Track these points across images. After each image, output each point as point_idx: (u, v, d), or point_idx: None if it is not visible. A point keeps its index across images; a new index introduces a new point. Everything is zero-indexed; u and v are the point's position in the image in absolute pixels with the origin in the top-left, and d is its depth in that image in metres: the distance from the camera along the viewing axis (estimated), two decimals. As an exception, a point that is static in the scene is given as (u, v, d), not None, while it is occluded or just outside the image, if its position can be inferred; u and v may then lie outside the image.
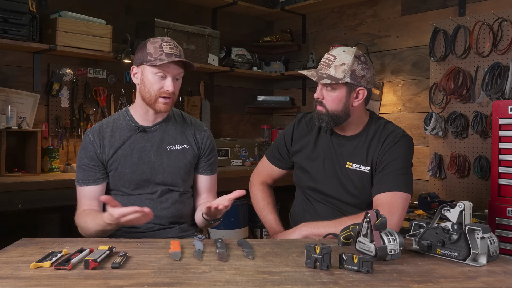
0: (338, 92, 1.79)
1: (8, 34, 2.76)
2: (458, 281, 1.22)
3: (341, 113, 1.81)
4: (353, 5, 3.86)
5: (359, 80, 1.78)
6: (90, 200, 1.79)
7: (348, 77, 1.76)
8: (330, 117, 1.81)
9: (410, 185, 1.78)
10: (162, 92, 1.76)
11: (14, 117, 2.84)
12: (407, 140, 1.84)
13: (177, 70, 1.78)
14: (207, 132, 1.95)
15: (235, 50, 4.00)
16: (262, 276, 1.22)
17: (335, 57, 1.79)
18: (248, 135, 4.33)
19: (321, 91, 1.82)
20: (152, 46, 1.75)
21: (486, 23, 3.00)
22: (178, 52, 1.77)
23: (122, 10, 3.52)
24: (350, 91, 1.79)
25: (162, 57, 1.73)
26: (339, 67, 1.76)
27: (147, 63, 1.75)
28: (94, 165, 1.80)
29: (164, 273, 1.23)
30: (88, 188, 1.80)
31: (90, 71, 3.33)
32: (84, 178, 1.80)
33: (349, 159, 1.86)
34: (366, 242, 1.38)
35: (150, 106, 1.79)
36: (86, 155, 1.81)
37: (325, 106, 1.82)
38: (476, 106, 3.06)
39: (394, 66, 3.60)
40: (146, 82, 1.77)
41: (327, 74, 1.78)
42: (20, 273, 1.21)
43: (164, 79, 1.76)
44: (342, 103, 1.80)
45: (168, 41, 1.77)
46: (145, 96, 1.78)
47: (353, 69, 1.76)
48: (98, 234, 1.68)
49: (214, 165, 1.97)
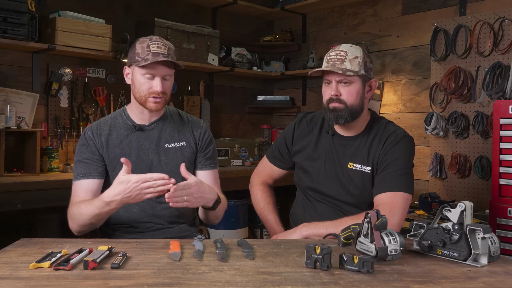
0: (356, 85, 1.80)
1: (7, 34, 2.75)
2: (459, 281, 1.21)
3: (358, 107, 1.82)
4: (354, 4, 3.85)
5: (370, 72, 1.83)
6: (86, 193, 1.76)
7: (363, 70, 1.79)
8: (350, 111, 1.80)
9: (411, 186, 1.78)
10: (151, 93, 1.75)
11: (13, 117, 2.83)
12: (408, 141, 1.84)
13: (165, 70, 1.76)
14: (204, 127, 1.95)
15: (235, 49, 3.99)
16: (262, 276, 1.21)
17: (346, 52, 1.79)
18: (248, 135, 4.33)
19: (337, 88, 1.80)
20: (140, 46, 1.75)
21: (487, 22, 2.99)
22: (166, 51, 1.75)
23: (122, 10, 3.52)
24: (364, 84, 1.82)
25: (148, 57, 1.72)
26: (354, 60, 1.78)
27: (135, 64, 1.75)
28: (97, 159, 1.79)
29: (163, 273, 1.23)
30: (87, 182, 1.77)
31: (90, 71, 3.33)
32: (85, 172, 1.78)
33: (351, 160, 1.86)
34: (366, 242, 1.38)
35: (142, 105, 1.80)
36: (88, 149, 1.80)
37: (344, 101, 1.80)
38: (477, 106, 3.06)
39: (395, 65, 3.60)
40: (136, 83, 1.77)
41: (345, 68, 1.77)
42: (19, 274, 1.21)
43: (152, 79, 1.75)
44: (359, 96, 1.81)
45: (156, 40, 1.76)
46: (136, 96, 1.79)
47: (365, 61, 1.80)
48: (92, 221, 1.65)
49: (213, 159, 1.95)
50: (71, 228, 1.75)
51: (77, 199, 1.75)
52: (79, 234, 1.75)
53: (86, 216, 1.65)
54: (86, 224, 1.68)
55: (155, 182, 1.52)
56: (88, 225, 1.68)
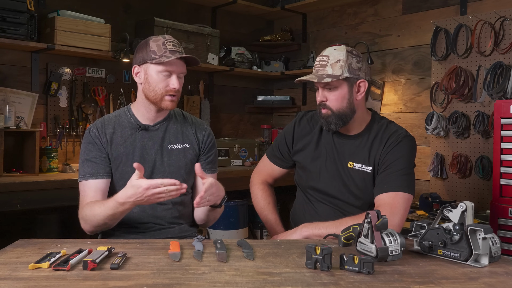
0: (340, 90, 1.79)
1: (6, 33, 2.75)
2: (460, 282, 1.21)
3: (346, 110, 1.80)
4: (354, 4, 3.85)
5: (357, 72, 1.80)
6: (96, 193, 1.75)
7: (347, 72, 1.77)
8: (337, 117, 1.80)
9: (412, 186, 1.77)
10: (168, 90, 1.75)
11: (12, 117, 2.83)
12: (409, 140, 1.83)
13: (181, 67, 1.78)
14: (208, 130, 1.94)
15: (235, 49, 3.98)
16: (262, 277, 1.21)
17: (328, 56, 1.80)
18: (248, 135, 4.32)
19: (323, 93, 1.81)
20: (155, 44, 1.75)
21: (488, 22, 2.99)
22: (181, 49, 1.77)
23: (121, 9, 3.51)
24: (351, 86, 1.80)
25: (167, 54, 1.72)
26: (335, 65, 1.77)
27: (151, 61, 1.74)
28: (104, 158, 1.78)
29: (163, 274, 1.22)
30: (96, 182, 1.75)
31: (89, 71, 3.32)
32: (93, 172, 1.76)
33: (351, 159, 1.85)
34: (367, 242, 1.38)
35: (155, 104, 1.78)
36: (94, 148, 1.78)
37: (330, 107, 1.80)
38: (478, 106, 3.05)
39: (395, 65, 3.59)
40: (151, 81, 1.76)
41: (325, 73, 1.77)
42: (18, 274, 1.21)
43: (169, 77, 1.75)
44: (346, 100, 1.79)
45: (170, 39, 1.77)
46: (150, 95, 1.77)
47: (348, 63, 1.78)
48: (106, 221, 1.65)
49: (213, 163, 1.95)
50: (84, 229, 1.74)
51: (87, 200, 1.74)
52: (92, 234, 1.75)
53: (100, 217, 1.65)
54: (100, 225, 1.68)
55: (166, 188, 1.51)
56: (102, 225, 1.68)
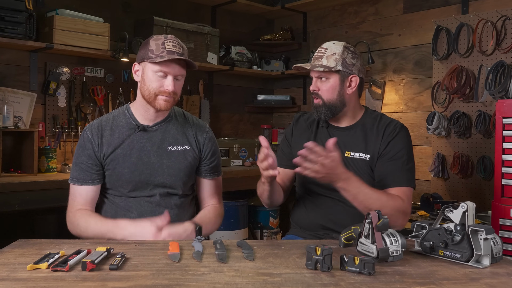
0: (332, 81, 1.87)
1: (4, 32, 2.74)
2: (461, 283, 1.20)
3: (336, 102, 1.88)
4: (355, 3, 3.84)
5: (351, 68, 1.88)
6: (85, 200, 1.77)
7: (340, 65, 1.85)
8: (327, 107, 1.88)
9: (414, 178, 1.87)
10: (162, 92, 1.72)
11: (11, 117, 2.82)
12: (406, 130, 1.93)
13: (178, 70, 1.73)
14: (209, 133, 1.91)
15: (234, 48, 3.97)
16: (262, 277, 1.20)
17: (325, 49, 1.89)
18: (248, 135, 4.31)
19: (316, 83, 1.91)
20: (155, 43, 1.73)
21: (490, 21, 2.98)
22: (181, 51, 1.73)
23: (120, 8, 3.50)
24: (343, 79, 1.88)
25: (163, 54, 1.69)
26: (331, 57, 1.86)
27: (148, 60, 1.72)
28: (92, 164, 1.77)
29: (162, 274, 1.21)
30: (83, 188, 1.77)
31: (88, 70, 3.31)
32: (79, 177, 1.77)
33: (347, 149, 1.89)
34: (367, 243, 1.37)
35: (149, 104, 1.76)
36: (84, 153, 1.78)
37: (321, 97, 1.88)
38: (479, 106, 3.04)
39: (396, 64, 3.58)
40: (146, 80, 1.74)
41: (320, 64, 1.86)
42: (17, 275, 1.20)
43: (164, 78, 1.72)
44: (336, 92, 1.87)
45: (171, 39, 1.74)
46: (145, 94, 1.76)
47: (343, 57, 1.86)
48: (95, 236, 1.66)
49: (217, 167, 1.93)
50: (70, 230, 1.75)
51: (77, 205, 1.76)
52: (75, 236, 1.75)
53: (92, 231, 1.67)
54: (88, 237, 1.68)
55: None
56: (90, 238, 1.67)
